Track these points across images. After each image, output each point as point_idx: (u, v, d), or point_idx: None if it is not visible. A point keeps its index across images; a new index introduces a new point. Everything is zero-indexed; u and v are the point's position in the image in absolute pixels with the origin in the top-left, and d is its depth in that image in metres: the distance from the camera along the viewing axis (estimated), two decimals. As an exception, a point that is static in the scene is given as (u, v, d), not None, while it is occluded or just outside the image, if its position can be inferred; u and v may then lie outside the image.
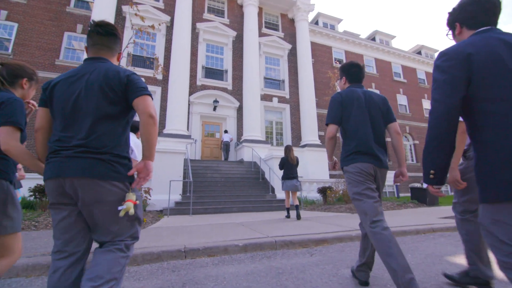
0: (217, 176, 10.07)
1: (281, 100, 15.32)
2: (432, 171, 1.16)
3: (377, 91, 20.66)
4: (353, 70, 2.13)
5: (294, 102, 15.59)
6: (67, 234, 1.20)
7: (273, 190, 9.47)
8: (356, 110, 1.95)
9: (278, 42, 15.80)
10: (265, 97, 14.91)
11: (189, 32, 13.38)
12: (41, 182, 6.04)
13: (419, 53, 25.43)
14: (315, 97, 15.63)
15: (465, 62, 1.09)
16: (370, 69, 21.13)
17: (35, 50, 12.97)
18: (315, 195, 9.83)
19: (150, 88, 12.76)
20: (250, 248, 3.11)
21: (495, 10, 1.21)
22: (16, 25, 13.03)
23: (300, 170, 9.37)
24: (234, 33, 14.81)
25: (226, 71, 14.41)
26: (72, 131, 1.22)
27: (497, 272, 1.91)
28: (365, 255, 2.00)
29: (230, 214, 7.32)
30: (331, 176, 13.49)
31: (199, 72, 13.71)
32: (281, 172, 6.34)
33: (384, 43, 23.29)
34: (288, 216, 5.92)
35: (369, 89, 2.10)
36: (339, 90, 2.22)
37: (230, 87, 14.18)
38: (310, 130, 14.50)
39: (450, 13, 1.36)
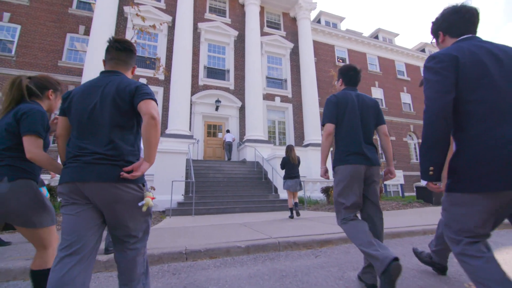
0: (220, 176, 10.01)
1: (284, 99, 15.22)
2: (431, 168, 1.22)
3: (381, 90, 20.51)
4: (350, 74, 2.22)
5: (296, 102, 15.49)
6: (78, 231, 1.26)
7: (276, 190, 9.39)
8: (350, 112, 2.05)
9: (280, 41, 15.71)
10: (268, 97, 14.82)
11: (191, 32, 13.34)
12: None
13: (423, 51, 25.16)
14: (318, 96, 15.51)
15: (454, 64, 1.19)
16: (374, 67, 20.95)
17: (38, 52, 13.01)
18: (318, 195, 9.72)
19: (152, 88, 12.73)
20: (252, 250, 3.04)
21: (474, 20, 1.32)
22: (19, 27, 13.09)
23: (303, 170, 9.28)
24: (235, 33, 14.75)
25: (228, 71, 14.35)
26: (89, 140, 1.32)
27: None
28: None
29: (233, 215, 7.24)
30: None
31: (201, 72, 13.67)
32: (283, 172, 6.30)
33: (387, 41, 23.09)
34: (291, 217, 5.88)
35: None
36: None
37: (232, 87, 14.12)
38: (313, 130, 14.38)
39: (433, 23, 1.46)
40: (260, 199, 8.82)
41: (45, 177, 7.20)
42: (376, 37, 23.16)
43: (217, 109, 13.22)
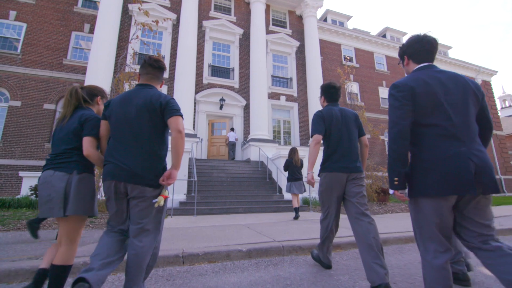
0: (223, 175, 9.82)
1: (289, 98, 14.98)
2: (396, 179, 1.43)
3: (388, 89, 20.01)
4: (331, 91, 2.49)
5: (302, 101, 15.22)
6: (118, 216, 1.66)
7: (280, 190, 9.16)
8: (335, 126, 2.31)
9: (285, 39, 15.47)
10: (273, 96, 14.60)
11: (195, 30, 13.20)
12: (33, 180, 5.89)
13: (384, 36, 24.64)
14: (324, 95, 15.22)
15: (411, 94, 1.42)
16: (381, 66, 20.55)
17: (43, 50, 13.02)
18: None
19: (156, 86, 12.62)
20: (254, 254, 2.83)
21: (433, 50, 1.56)
22: (25, 25, 13.13)
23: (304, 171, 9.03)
24: (241, 31, 14.57)
25: (233, 69, 14.17)
26: (123, 143, 1.65)
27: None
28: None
29: (236, 215, 7.04)
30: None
31: (206, 71, 13.52)
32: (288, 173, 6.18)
33: (395, 40, 22.64)
34: (296, 217, 5.74)
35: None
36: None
37: (237, 86, 13.93)
38: (319, 129, 14.06)
39: (400, 48, 1.70)
40: (264, 199, 8.60)
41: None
42: (384, 36, 22.75)
43: (221, 108, 13.05)
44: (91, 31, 13.61)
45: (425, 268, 1.40)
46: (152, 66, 1.82)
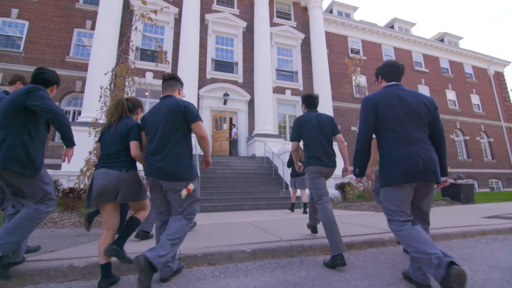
0: (228, 172, 9.56)
1: (295, 92, 14.59)
2: (357, 169, 1.98)
3: (397, 82, 19.40)
4: (310, 100, 2.98)
5: (308, 95, 14.81)
6: (160, 205, 2.10)
7: (286, 186, 8.86)
8: (310, 129, 2.77)
9: (290, 31, 15.05)
10: (278, 90, 14.23)
11: (198, 24, 12.90)
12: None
13: (442, 40, 23.83)
14: (330, 89, 14.80)
15: (375, 107, 1.89)
16: (389, 58, 19.90)
17: (46, 48, 12.92)
18: (332, 192, 9.11)
19: (159, 82, 12.32)
20: (260, 255, 2.54)
21: (400, 72, 2.00)
22: (27, 23, 13.03)
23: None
24: (244, 24, 14.20)
25: (237, 64, 13.85)
26: (157, 146, 2.01)
27: None
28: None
29: (241, 212, 6.78)
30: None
31: (209, 65, 13.23)
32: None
33: (403, 31, 21.94)
34: (292, 210, 6.43)
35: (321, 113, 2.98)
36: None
37: (240, 80, 13.61)
38: (326, 124, 13.69)
39: (376, 69, 2.12)
40: (270, 195, 8.32)
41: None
42: (392, 27, 22.07)
43: (225, 102, 12.76)
44: (93, 27, 13.42)
45: (400, 235, 1.76)
46: (164, 79, 2.24)
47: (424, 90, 20.30)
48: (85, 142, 5.53)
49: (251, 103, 13.38)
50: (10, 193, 2.16)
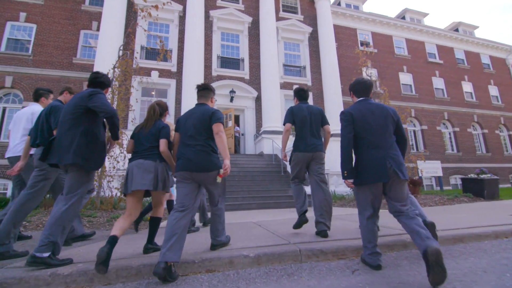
0: (235, 170, 9.31)
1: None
2: (345, 172, 2.22)
3: (410, 75, 18.71)
4: (300, 93, 3.33)
5: (317, 90, 14.40)
6: (186, 196, 2.30)
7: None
8: (301, 118, 3.11)
9: (297, 25, 14.65)
10: (285, 85, 13.87)
11: (202, 21, 12.70)
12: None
13: (457, 30, 22.82)
14: (340, 84, 14.32)
15: (351, 118, 2.24)
16: (401, 50, 19.21)
17: (53, 50, 13.01)
18: (344, 189, 8.75)
19: (164, 81, 12.31)
20: (264, 260, 2.26)
21: (368, 89, 2.39)
22: (34, 26, 13.16)
23: (326, 162, 8.36)
24: (249, 19, 13.90)
25: (243, 60, 13.57)
26: (189, 145, 2.36)
27: None
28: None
29: (248, 212, 6.52)
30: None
31: (214, 62, 13.01)
32: None
33: (415, 22, 21.11)
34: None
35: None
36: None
37: (247, 77, 13.34)
38: (336, 119, 13.24)
39: (350, 86, 2.53)
40: (278, 194, 8.02)
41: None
42: (403, 18, 21.27)
43: (231, 100, 12.51)
44: (99, 29, 13.43)
45: (361, 226, 2.19)
46: (198, 88, 2.62)
47: (438, 82, 19.48)
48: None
49: (258, 100, 13.09)
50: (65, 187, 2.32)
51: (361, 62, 8.29)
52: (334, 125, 13.04)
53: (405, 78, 18.64)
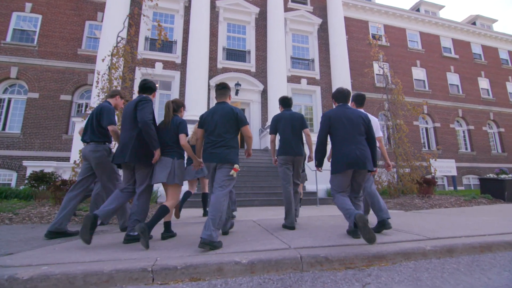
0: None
1: (311, 81, 13.72)
2: (316, 161, 2.92)
3: (423, 70, 17.96)
4: (285, 101, 3.73)
5: (325, 84, 13.90)
6: (212, 179, 2.72)
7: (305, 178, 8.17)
8: (283, 124, 3.50)
9: (306, 16, 14.11)
10: (293, 79, 13.42)
11: (208, 11, 12.32)
12: (37, 169, 5.46)
13: (474, 23, 21.79)
14: (350, 78, 13.78)
15: (328, 120, 2.79)
16: (415, 44, 18.44)
17: (59, 41, 12.89)
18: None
19: (169, 73, 12.04)
20: (259, 268, 1.94)
21: (346, 97, 2.90)
22: (40, 16, 13.05)
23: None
24: (257, 10, 13.45)
25: (249, 52, 13.17)
26: (213, 140, 2.67)
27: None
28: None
29: (251, 208, 6.22)
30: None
31: (220, 54, 12.66)
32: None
33: (430, 14, 20.21)
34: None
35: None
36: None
37: (253, 69, 12.94)
38: (345, 114, 12.79)
39: (332, 94, 3.04)
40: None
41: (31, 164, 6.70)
42: (418, 11, 20.40)
43: (237, 93, 12.15)
44: (104, 19, 13.24)
45: (338, 202, 2.68)
46: (217, 87, 2.89)
47: (453, 78, 18.65)
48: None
49: (264, 93, 12.71)
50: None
51: (373, 52, 7.81)
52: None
53: (418, 73, 17.90)
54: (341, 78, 13.36)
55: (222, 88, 2.88)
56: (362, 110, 3.28)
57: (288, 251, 2.14)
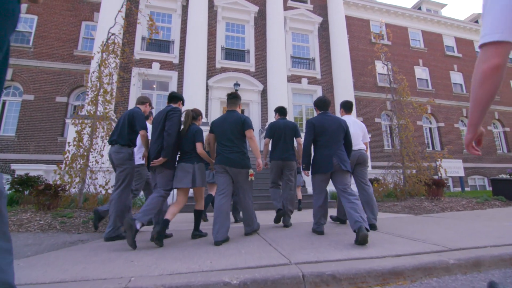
0: (237, 167, 8.68)
1: (312, 81, 13.42)
2: (304, 164, 3.16)
3: (426, 69, 17.64)
4: (282, 110, 4.08)
5: (327, 83, 13.59)
6: (224, 183, 2.93)
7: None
8: (278, 131, 3.78)
9: (306, 15, 13.83)
10: (293, 79, 13.12)
11: (206, 10, 12.07)
12: (22, 173, 5.16)
13: (476, 22, 21.47)
14: (352, 77, 13.47)
15: (313, 126, 3.09)
16: (417, 43, 18.13)
17: (54, 42, 12.66)
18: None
19: (166, 73, 11.77)
20: (253, 290, 1.61)
21: (326, 105, 3.23)
22: (36, 17, 12.84)
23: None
24: (256, 8, 13.19)
25: (248, 51, 12.89)
26: (224, 145, 2.96)
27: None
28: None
29: (249, 213, 5.88)
30: (378, 166, 11.43)
31: (218, 54, 12.38)
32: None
33: (432, 12, 19.91)
34: (299, 208, 6.25)
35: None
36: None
37: (252, 69, 12.66)
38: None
39: (314, 102, 3.42)
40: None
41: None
42: (419, 9, 20.11)
43: (236, 93, 11.85)
44: (100, 19, 13.01)
45: (317, 205, 3.12)
46: (228, 96, 3.21)
47: (457, 77, 18.31)
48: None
49: (264, 93, 12.41)
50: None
51: (377, 48, 7.49)
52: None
53: (421, 72, 17.59)
54: (343, 78, 13.05)
55: (233, 98, 3.16)
56: (350, 115, 3.84)
57: (287, 268, 1.81)
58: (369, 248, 2.31)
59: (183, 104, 3.33)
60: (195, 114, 3.26)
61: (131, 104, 11.23)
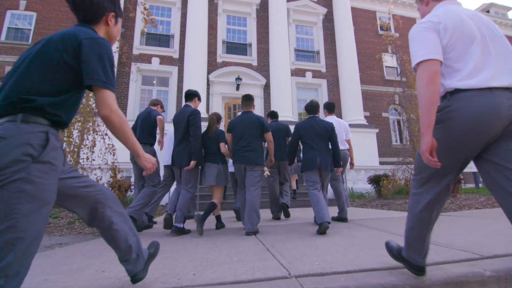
0: (239, 164, 8.36)
1: (316, 74, 12.97)
2: (289, 161, 3.69)
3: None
4: (274, 114, 4.65)
5: (332, 77, 13.13)
6: (241, 182, 3.38)
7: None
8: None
9: (310, 6, 13.35)
10: (297, 72, 12.69)
11: (206, 3, 11.71)
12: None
13: (487, 12, 20.65)
14: (358, 69, 12.99)
15: (297, 130, 3.45)
16: (426, 34, 17.41)
17: (54, 39, 12.47)
18: (364, 186, 7.61)
19: (166, 68, 11.49)
20: (241, 313, 1.28)
21: (315, 109, 3.61)
22: (35, 14, 12.66)
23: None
24: (258, 0, 12.74)
25: (250, 45, 12.50)
26: (241, 145, 3.23)
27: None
28: None
29: (251, 211, 5.56)
30: (386, 162, 10.98)
31: (219, 48, 12.03)
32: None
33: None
34: (294, 198, 6.24)
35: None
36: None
37: (255, 63, 12.27)
38: (353, 108, 12.02)
39: (304, 106, 3.86)
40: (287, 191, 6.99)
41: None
42: None
43: (238, 88, 11.51)
44: (99, 15, 12.76)
45: (312, 195, 3.18)
46: (243, 98, 3.47)
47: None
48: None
49: (267, 88, 12.03)
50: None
51: (385, 36, 7.06)
52: (351, 114, 11.88)
53: (430, 64, 16.92)
54: (348, 70, 12.59)
55: (247, 100, 3.43)
56: (333, 116, 4.18)
57: (286, 283, 1.47)
58: (385, 255, 1.96)
59: (199, 99, 3.57)
60: (217, 118, 3.61)
61: (131, 100, 11.00)
